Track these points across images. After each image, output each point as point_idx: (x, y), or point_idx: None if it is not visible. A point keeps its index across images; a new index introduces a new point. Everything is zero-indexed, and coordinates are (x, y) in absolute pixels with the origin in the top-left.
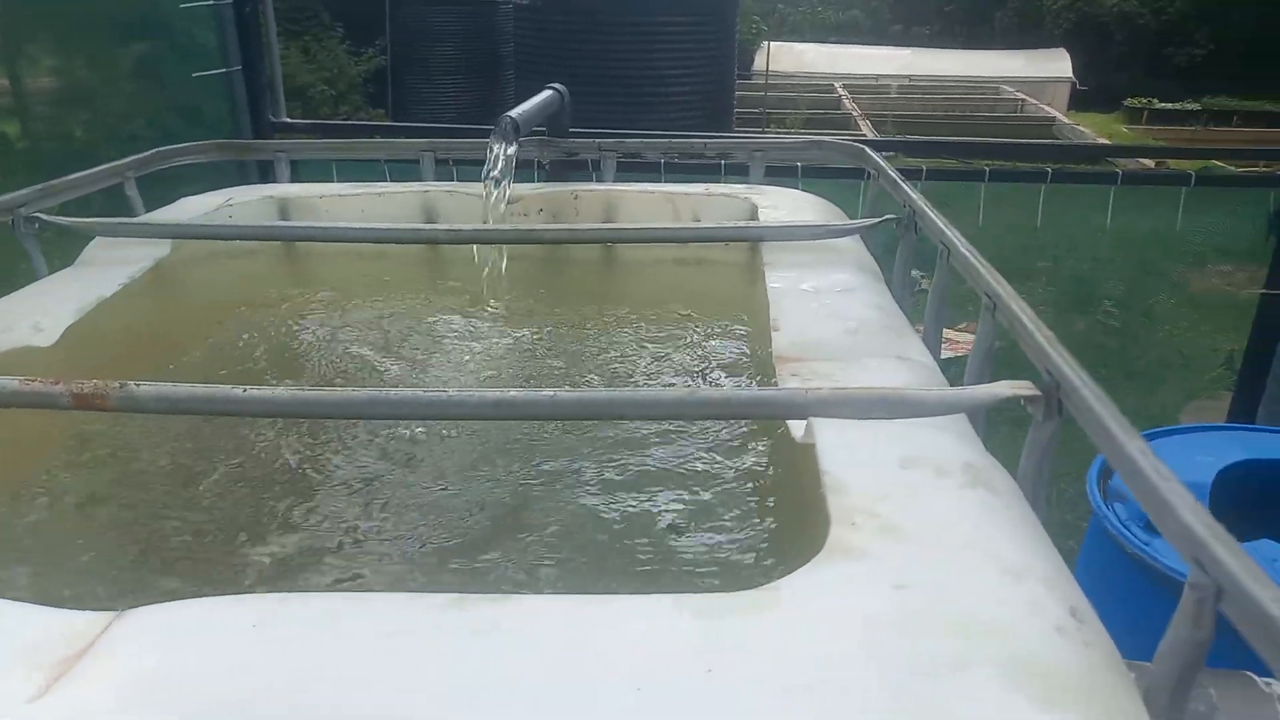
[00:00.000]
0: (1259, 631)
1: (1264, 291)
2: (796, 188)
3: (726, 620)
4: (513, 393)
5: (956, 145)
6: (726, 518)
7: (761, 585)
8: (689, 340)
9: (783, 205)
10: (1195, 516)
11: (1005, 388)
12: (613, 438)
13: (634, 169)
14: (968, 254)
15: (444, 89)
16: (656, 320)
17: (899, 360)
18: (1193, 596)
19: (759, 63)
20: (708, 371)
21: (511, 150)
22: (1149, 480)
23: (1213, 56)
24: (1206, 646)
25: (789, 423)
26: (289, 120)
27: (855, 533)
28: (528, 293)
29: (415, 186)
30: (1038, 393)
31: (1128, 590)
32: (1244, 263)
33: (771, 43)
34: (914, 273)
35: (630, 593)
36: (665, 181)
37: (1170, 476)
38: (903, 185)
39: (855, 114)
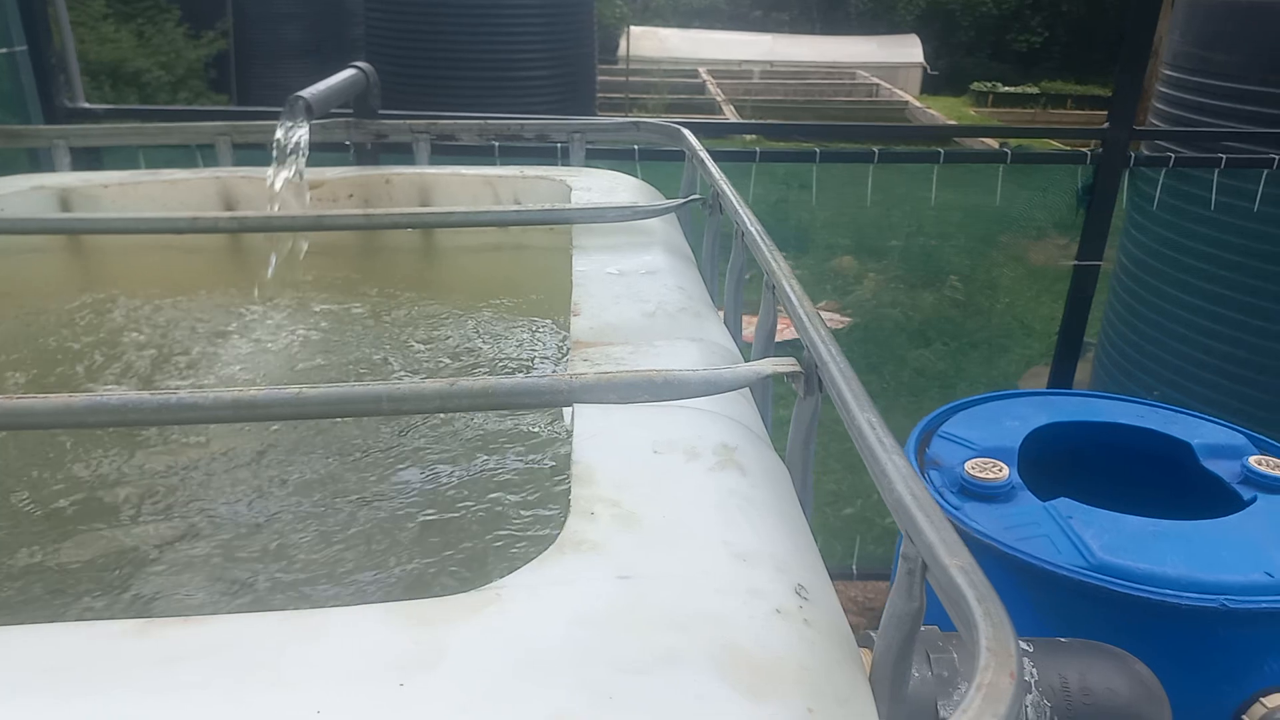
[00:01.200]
0: (949, 603)
1: (1076, 263)
2: (636, 172)
3: (438, 627)
4: (251, 392)
5: (809, 128)
6: (480, 515)
7: (483, 586)
8: (503, 329)
9: (597, 187)
10: (907, 489)
11: (768, 365)
12: (387, 432)
13: (509, 153)
14: (756, 235)
15: (290, 73)
16: (472, 308)
17: (692, 342)
18: (904, 567)
19: (623, 47)
20: (521, 360)
21: (303, 132)
22: (874, 452)
23: (1048, 43)
24: (920, 616)
25: (564, 411)
26: (86, 106)
27: (591, 524)
28: (335, 283)
29: (209, 173)
30: (799, 369)
31: None
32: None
33: (635, 27)
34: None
35: (356, 603)
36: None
37: (893, 449)
38: (710, 167)
39: (720, 99)
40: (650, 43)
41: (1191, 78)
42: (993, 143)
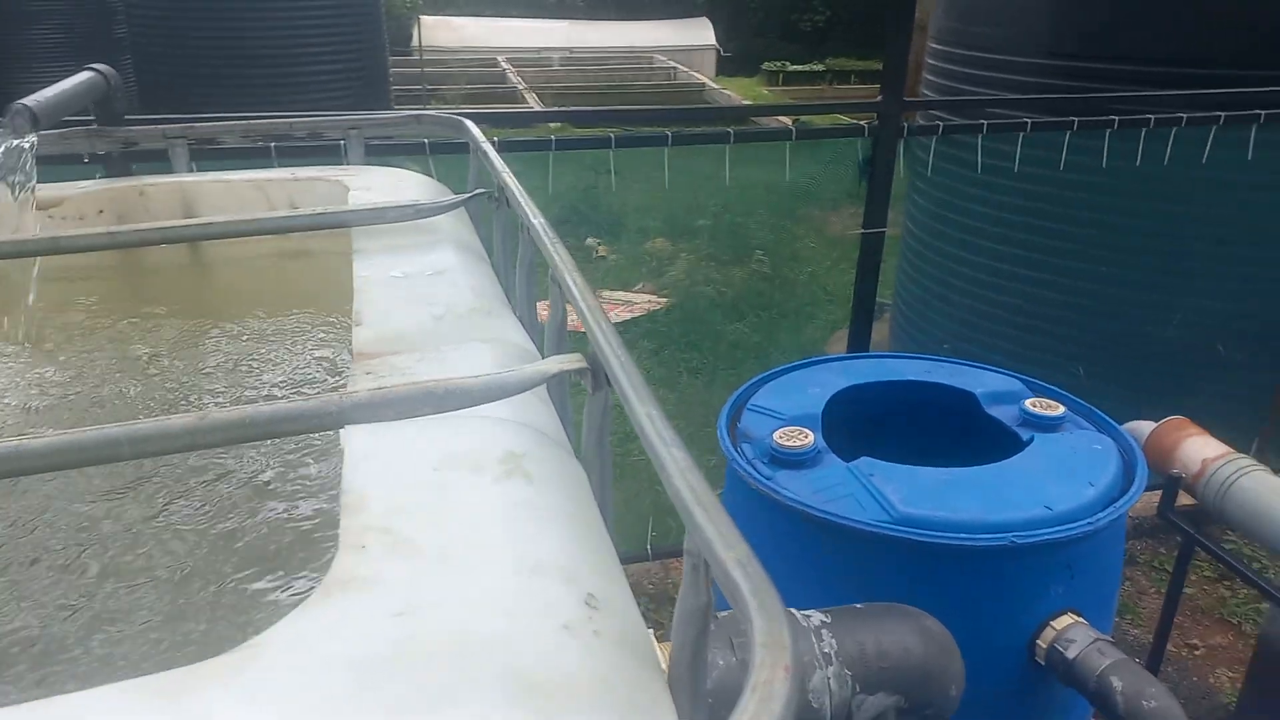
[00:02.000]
0: (729, 596)
1: (863, 231)
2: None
3: (189, 699)
4: None
5: (609, 113)
6: (244, 562)
7: (239, 645)
8: (280, 347)
9: (378, 186)
10: (685, 482)
11: (553, 364)
12: (136, 477)
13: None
14: (539, 227)
15: (48, 78)
16: (245, 328)
17: (485, 344)
18: (689, 563)
19: (417, 38)
20: (300, 380)
21: (27, 144)
22: (655, 446)
23: (831, 21)
24: (710, 610)
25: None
26: None
27: (362, 558)
28: (82, 311)
29: None
30: (586, 365)
31: (764, 525)
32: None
33: (427, 17)
34: (590, 240)
35: (86, 686)
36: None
37: (673, 442)
38: (493, 159)
39: (521, 87)
40: (445, 32)
41: (956, 50)
42: (787, 120)
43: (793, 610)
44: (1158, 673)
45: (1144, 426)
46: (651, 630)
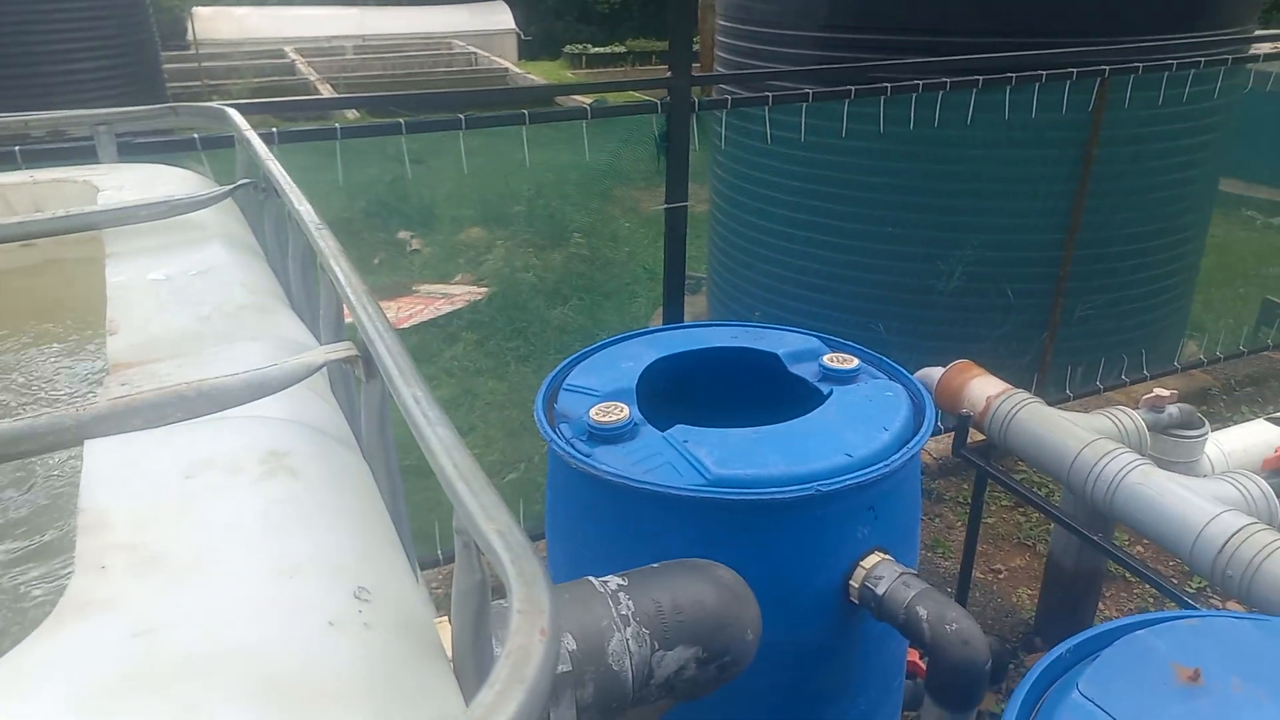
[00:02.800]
0: (495, 568)
1: (665, 206)
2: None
3: None
4: None
5: (397, 98)
6: None
7: None
8: (24, 365)
9: (133, 184)
10: (449, 459)
11: (319, 354)
12: None
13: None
14: (304, 215)
15: None
16: None
17: (257, 341)
18: (459, 541)
19: (192, 32)
20: (47, 399)
21: None
22: (420, 426)
23: (627, 3)
24: (486, 587)
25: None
26: None
27: (101, 579)
28: None
29: None
30: (357, 353)
31: (588, 502)
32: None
33: (202, 8)
34: (402, 233)
35: None
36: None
37: (438, 421)
38: (257, 148)
39: (314, 78)
40: (225, 24)
41: (742, 27)
42: (586, 100)
43: (590, 578)
44: (966, 597)
45: (934, 372)
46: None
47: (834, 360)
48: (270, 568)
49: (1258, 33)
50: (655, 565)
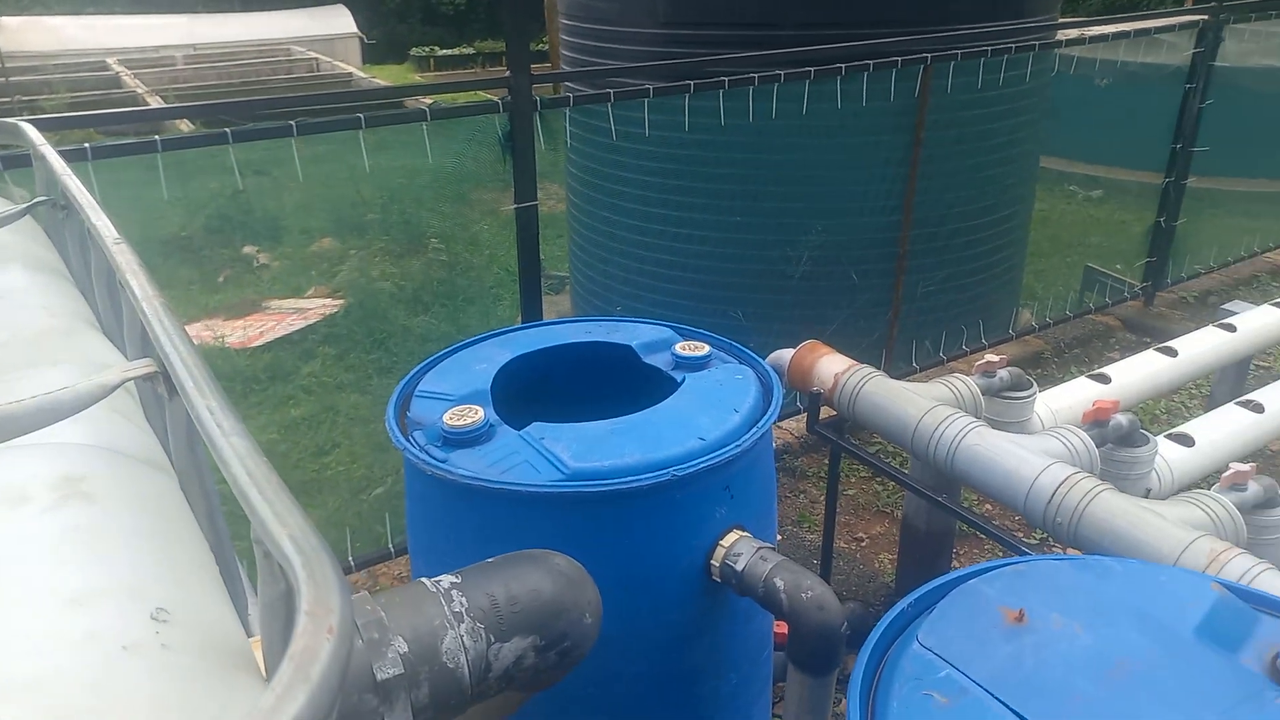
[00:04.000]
0: (288, 574)
1: (515, 206)
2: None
3: None
4: None
5: (238, 106)
6: None
7: None
8: None
9: None
10: (243, 467)
11: (115, 374)
12: None
13: None
14: (102, 231)
15: None
16: None
17: (58, 366)
18: (259, 551)
19: (3, 43)
20: None
21: None
22: (213, 437)
23: (472, 3)
24: (295, 597)
25: None
26: None
27: None
28: None
29: None
30: (157, 370)
31: (447, 509)
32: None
33: (9, 19)
34: (248, 248)
35: None
36: None
37: (233, 431)
38: (53, 163)
39: (141, 90)
40: (39, 35)
41: (583, 25)
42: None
43: (423, 579)
44: (830, 567)
45: (785, 354)
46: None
47: (686, 348)
48: (61, 597)
49: (1060, 20)
50: (491, 560)
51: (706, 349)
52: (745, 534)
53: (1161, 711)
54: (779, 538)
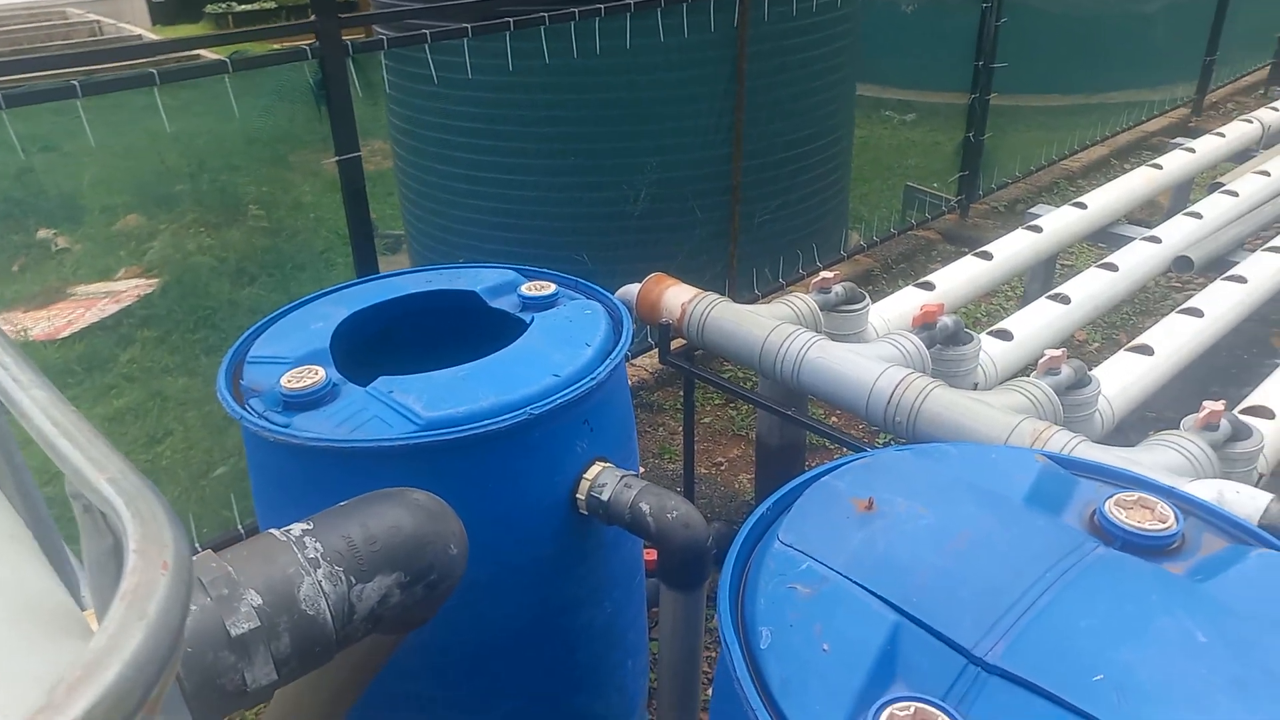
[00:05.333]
0: (114, 519)
1: (337, 159)
2: None
3: None
4: None
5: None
6: None
7: None
8: None
9: None
10: (48, 418)
11: None
12: None
13: None
14: None
15: None
16: None
17: None
18: (78, 507)
19: None
20: None
21: None
22: (11, 393)
23: None
24: (120, 551)
25: None
26: None
27: None
28: None
29: None
30: None
31: (296, 477)
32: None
33: None
34: (43, 232)
35: None
36: None
37: (35, 384)
38: None
39: None
40: None
41: None
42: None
43: (271, 530)
44: (693, 492)
45: (632, 288)
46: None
47: (532, 288)
48: None
49: None
50: (344, 504)
51: (553, 288)
52: (608, 465)
53: (998, 572)
54: (641, 470)
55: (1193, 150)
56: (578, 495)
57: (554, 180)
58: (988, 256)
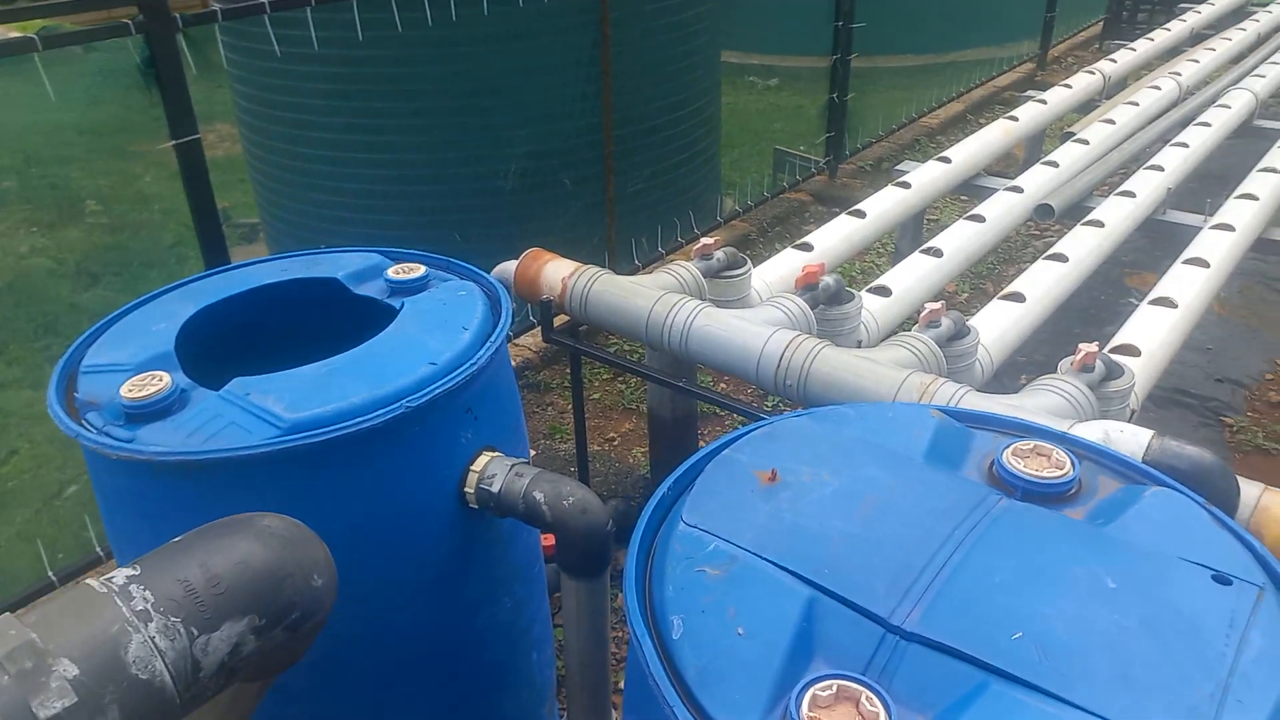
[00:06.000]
0: None
1: (173, 143)
2: None
3: None
4: None
5: None
6: None
7: None
8: None
9: None
10: None
11: None
12: None
13: None
14: None
15: None
16: None
17: None
18: None
19: None
20: None
21: None
22: None
23: None
24: None
25: None
26: None
27: None
28: None
29: None
30: None
31: (143, 499)
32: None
33: None
34: None
35: None
36: None
37: None
38: None
39: None
40: None
41: None
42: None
43: (88, 579)
44: (587, 470)
45: (509, 266)
46: None
47: (399, 271)
48: None
49: None
50: (178, 539)
51: (423, 270)
52: (496, 454)
53: (907, 534)
54: (533, 453)
55: (1044, 102)
56: (466, 489)
57: (418, 157)
58: (861, 215)
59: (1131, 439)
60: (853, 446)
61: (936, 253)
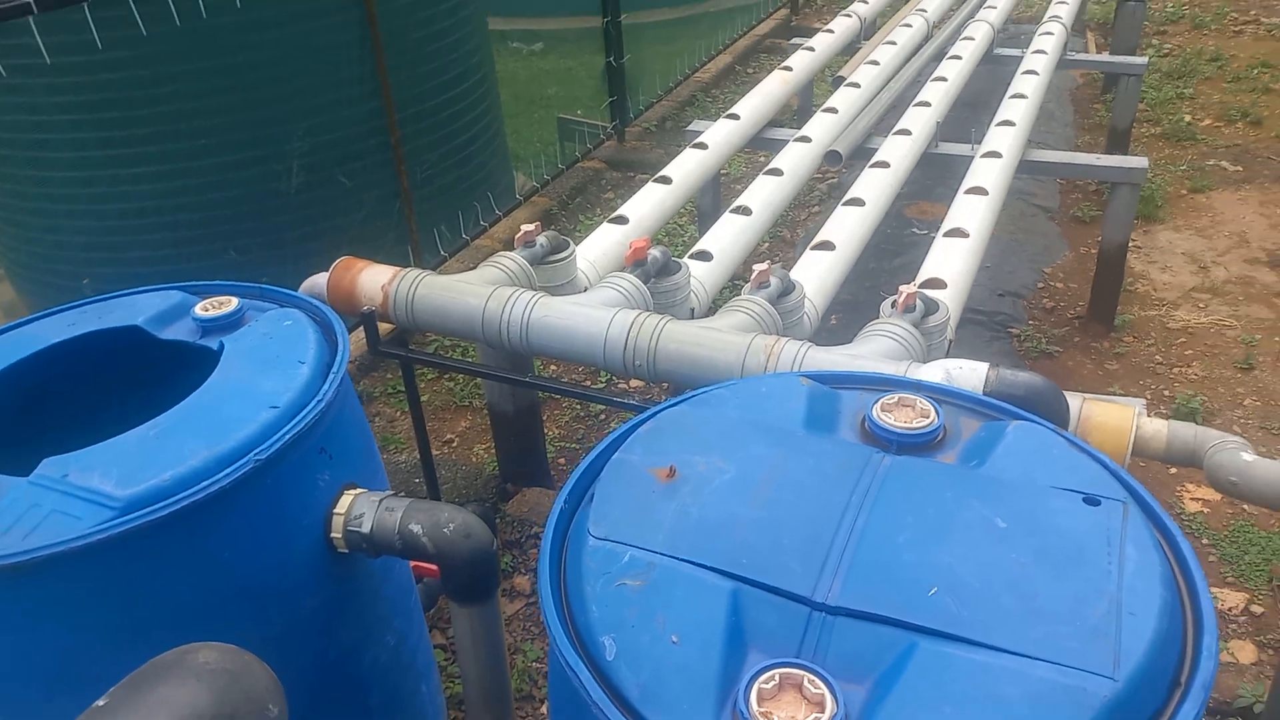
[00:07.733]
0: None
1: None
2: None
3: None
4: None
5: None
6: None
7: None
8: None
9: None
10: None
11: None
12: None
13: None
14: None
15: None
16: None
17: None
18: None
19: None
20: None
21: None
22: None
23: None
24: None
25: None
26: None
27: None
28: None
29: None
30: None
31: None
32: None
33: None
34: None
35: None
36: None
37: None
38: None
39: None
40: None
41: None
42: None
43: None
44: (435, 479)
45: (319, 280)
46: None
47: (208, 308)
48: None
49: None
50: (101, 702)
51: (235, 302)
52: (359, 490)
53: (809, 508)
54: None
55: (813, 49)
56: (333, 534)
57: (189, 166)
58: (667, 180)
59: (971, 374)
60: (737, 428)
61: (745, 211)
